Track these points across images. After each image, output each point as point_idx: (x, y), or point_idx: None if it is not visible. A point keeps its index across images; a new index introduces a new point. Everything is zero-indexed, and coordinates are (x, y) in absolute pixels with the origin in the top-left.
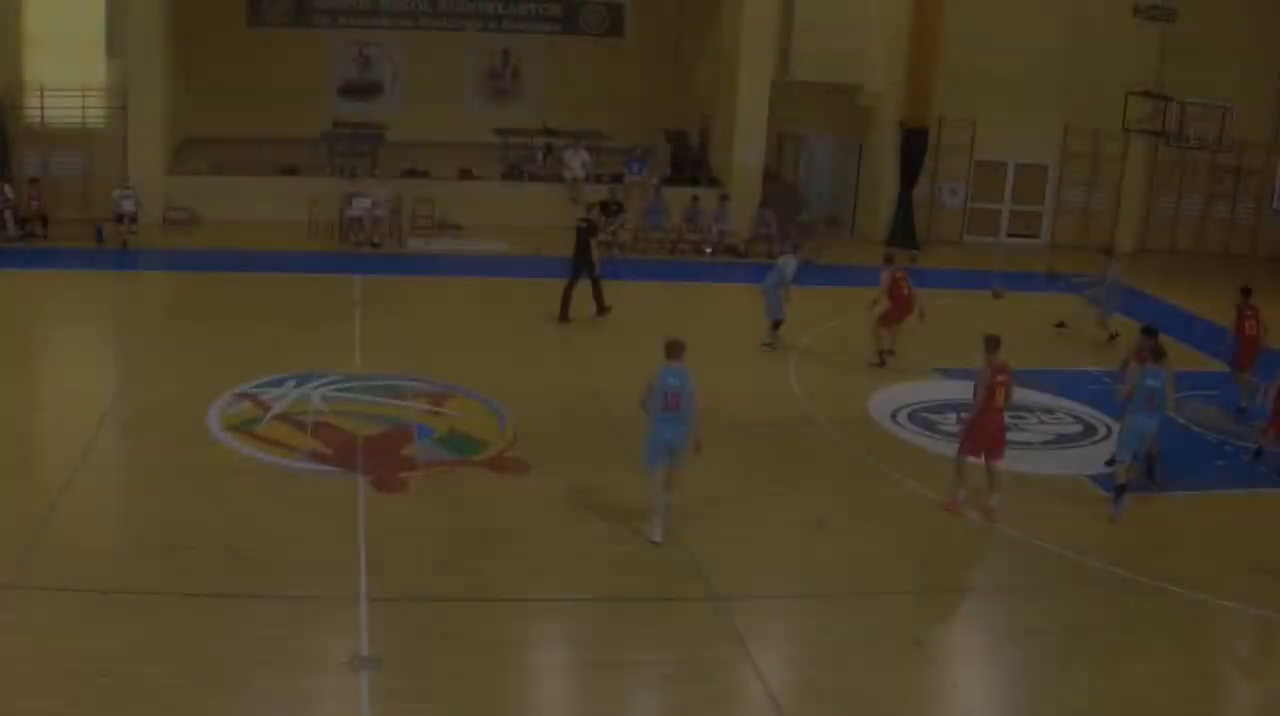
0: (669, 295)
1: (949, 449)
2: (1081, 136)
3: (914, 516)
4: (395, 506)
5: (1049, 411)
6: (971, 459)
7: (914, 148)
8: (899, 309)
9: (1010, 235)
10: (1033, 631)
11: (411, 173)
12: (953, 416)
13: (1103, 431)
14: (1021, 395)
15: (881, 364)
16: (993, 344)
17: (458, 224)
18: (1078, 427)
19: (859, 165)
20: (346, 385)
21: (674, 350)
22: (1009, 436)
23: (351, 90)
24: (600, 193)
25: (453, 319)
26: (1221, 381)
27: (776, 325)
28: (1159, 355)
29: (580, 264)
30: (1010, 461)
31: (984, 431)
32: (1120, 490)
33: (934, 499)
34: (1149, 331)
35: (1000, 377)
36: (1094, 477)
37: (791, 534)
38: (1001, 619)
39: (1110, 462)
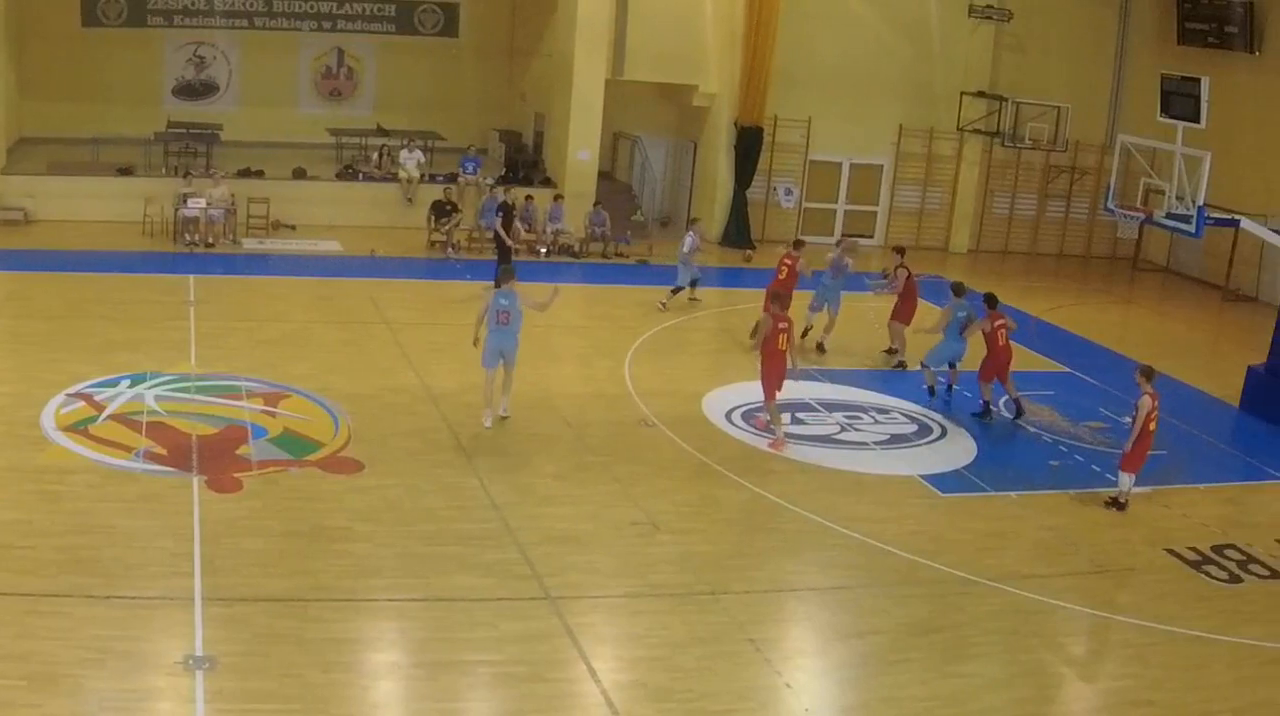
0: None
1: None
2: (916, 136)
3: (748, 516)
4: (230, 506)
5: (883, 411)
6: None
7: (748, 147)
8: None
9: (845, 235)
10: (867, 631)
11: (246, 173)
12: (787, 416)
13: (937, 431)
14: (852, 395)
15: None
16: (774, 297)
17: (292, 224)
18: (912, 428)
19: (693, 165)
20: (181, 385)
21: (504, 278)
22: (845, 436)
23: (186, 90)
24: (435, 193)
25: (287, 319)
26: (1057, 381)
27: (675, 290)
28: (961, 292)
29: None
30: (845, 462)
31: (775, 373)
32: (931, 391)
33: (769, 499)
34: (957, 287)
35: (782, 326)
36: (927, 477)
37: (626, 533)
38: (836, 618)
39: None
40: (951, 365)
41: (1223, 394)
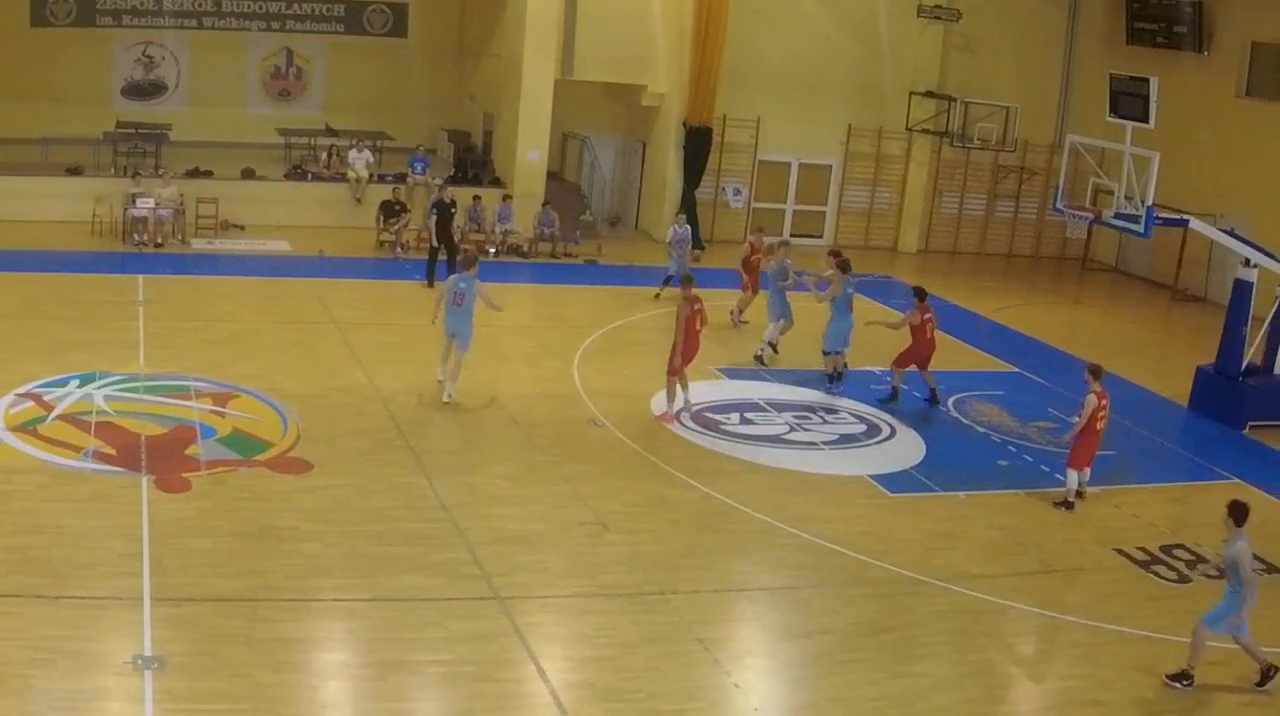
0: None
1: (731, 449)
2: (865, 136)
3: (697, 516)
4: (179, 507)
5: (832, 411)
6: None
7: (697, 147)
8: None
9: (794, 235)
10: (816, 631)
11: (195, 173)
12: (736, 416)
13: (886, 431)
14: (801, 395)
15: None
16: (687, 282)
17: (241, 224)
18: (861, 428)
19: (642, 165)
20: (130, 385)
21: (467, 263)
22: (794, 436)
23: (135, 90)
24: (384, 193)
25: (236, 319)
26: (1006, 381)
27: (667, 280)
28: (847, 268)
29: (443, 241)
30: (794, 462)
31: (688, 351)
32: (835, 377)
33: (718, 499)
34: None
35: (697, 307)
36: (876, 477)
37: (575, 533)
38: (785, 618)
39: (835, 378)
40: (830, 353)
41: (1171, 394)
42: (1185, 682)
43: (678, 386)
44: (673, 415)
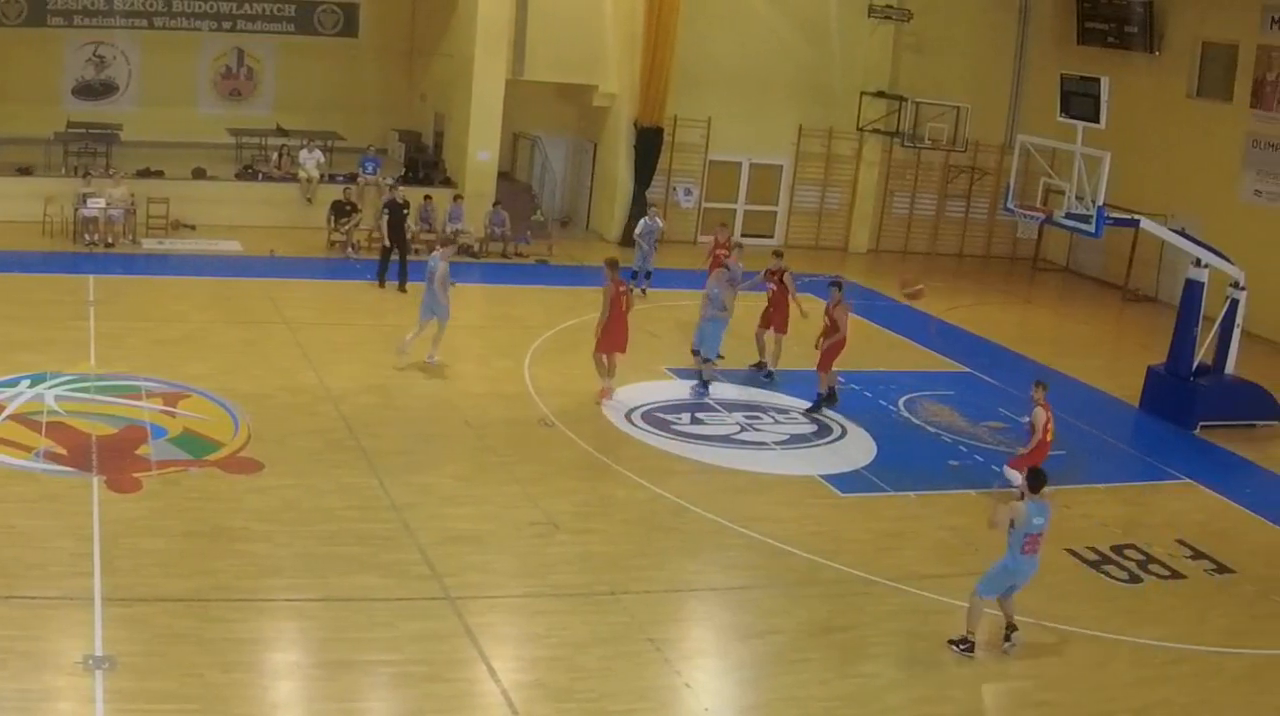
0: (404, 296)
1: (682, 448)
2: (816, 137)
3: (648, 516)
4: (130, 507)
5: (783, 411)
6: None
7: (648, 147)
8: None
9: (745, 235)
10: (767, 631)
11: (146, 173)
12: (687, 416)
13: (837, 431)
14: (752, 395)
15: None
16: (613, 264)
17: (192, 224)
18: (811, 428)
19: (593, 165)
20: (81, 385)
21: (446, 246)
22: (745, 436)
23: (86, 90)
24: (335, 193)
25: (187, 319)
26: (957, 381)
27: (644, 275)
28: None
29: (395, 241)
30: (745, 462)
31: (613, 334)
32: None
33: (669, 499)
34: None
35: (622, 288)
36: (827, 477)
37: (525, 534)
38: (736, 618)
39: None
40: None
41: (1122, 394)
42: (963, 647)
43: (607, 370)
44: (608, 390)
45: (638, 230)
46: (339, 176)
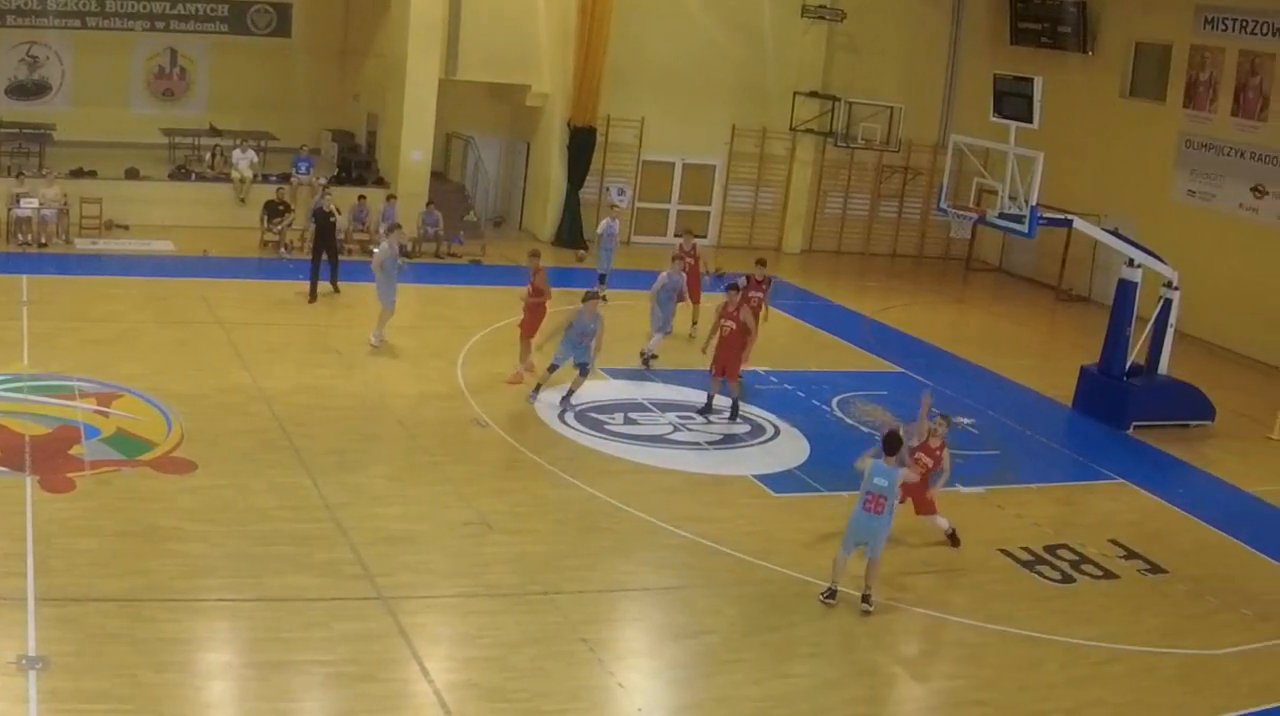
0: (337, 296)
1: (615, 448)
2: (749, 136)
3: (581, 516)
4: (63, 507)
5: (716, 411)
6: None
7: (581, 147)
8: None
9: (678, 235)
10: (700, 631)
11: (79, 173)
12: (620, 416)
13: (770, 431)
14: (685, 395)
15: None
16: (535, 255)
17: (125, 224)
18: (745, 428)
19: (526, 165)
20: (14, 385)
21: (391, 229)
22: (678, 436)
23: (19, 90)
24: (268, 193)
25: (120, 319)
26: (890, 381)
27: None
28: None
29: (322, 248)
30: (678, 462)
31: (533, 321)
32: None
33: (603, 499)
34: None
35: (538, 281)
36: (760, 477)
37: (459, 534)
38: (669, 618)
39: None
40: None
41: (1055, 394)
42: (825, 596)
43: (526, 353)
44: (520, 373)
45: (598, 230)
46: (272, 176)
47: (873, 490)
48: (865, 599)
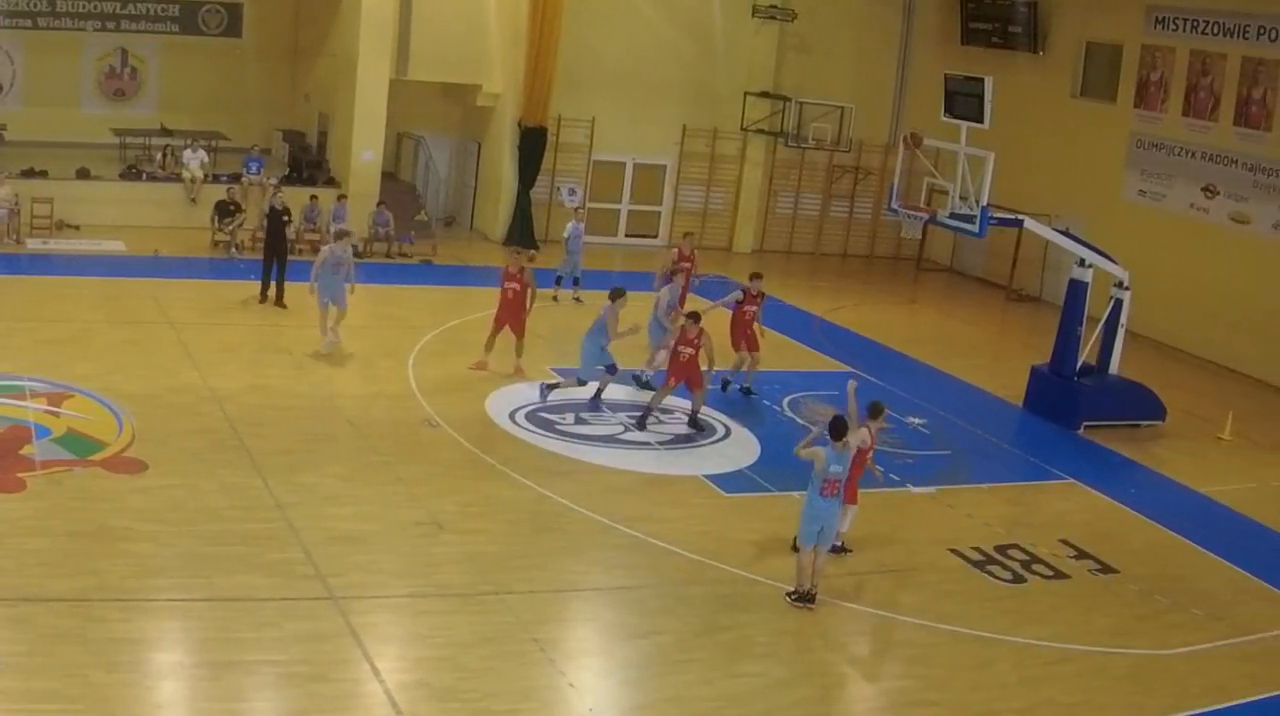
0: (289, 295)
1: (566, 449)
2: (700, 137)
3: (532, 516)
4: (13, 506)
5: (667, 411)
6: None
7: (532, 147)
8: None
9: (629, 235)
10: (651, 631)
11: (30, 173)
12: (571, 416)
13: (721, 431)
14: (636, 395)
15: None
16: (518, 253)
17: (76, 224)
18: (696, 428)
19: (477, 165)
20: None
21: (339, 235)
22: (629, 436)
23: None
24: (219, 193)
25: (71, 319)
26: (841, 381)
27: (571, 282)
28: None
29: (275, 250)
30: (629, 462)
31: (500, 317)
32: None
33: (554, 499)
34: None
35: (511, 284)
36: (711, 477)
37: (410, 534)
38: (620, 618)
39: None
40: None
41: (1006, 394)
42: (796, 597)
43: (490, 344)
44: (483, 363)
45: (565, 234)
46: (223, 176)
47: (830, 477)
48: (811, 597)
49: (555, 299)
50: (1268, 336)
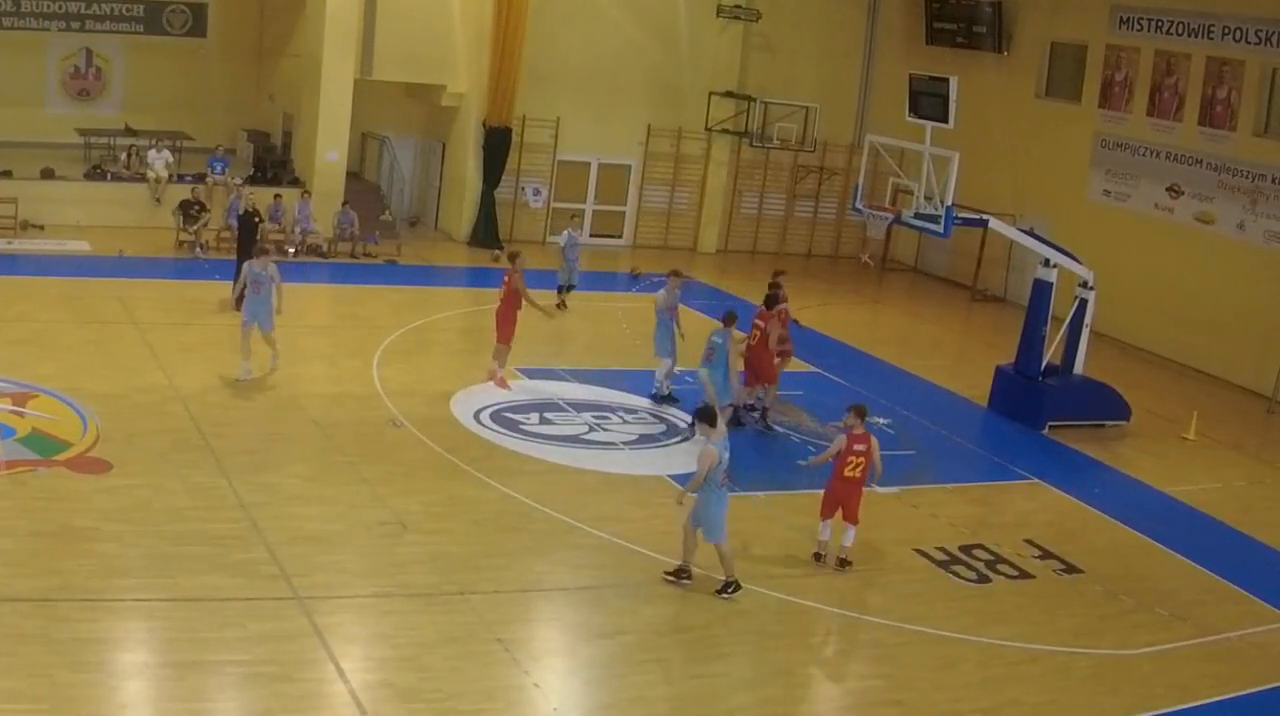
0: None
1: (531, 448)
2: (664, 136)
3: (497, 516)
4: None
5: (631, 411)
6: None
7: (497, 147)
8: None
9: (594, 235)
10: (615, 631)
11: None
12: (535, 416)
13: (686, 431)
14: (600, 395)
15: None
16: (513, 257)
17: (40, 224)
18: (660, 427)
19: (442, 165)
20: None
21: (259, 252)
22: (593, 436)
23: None
24: (183, 193)
25: (35, 319)
26: (806, 381)
27: (566, 288)
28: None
29: (248, 254)
30: (594, 462)
31: (505, 322)
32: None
33: (518, 499)
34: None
35: (502, 287)
36: (676, 477)
37: (374, 534)
38: (584, 618)
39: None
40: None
41: (971, 394)
42: (730, 589)
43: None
44: (500, 376)
45: (561, 242)
46: (187, 176)
47: (724, 465)
48: (684, 574)
49: (563, 306)
50: (1232, 336)
